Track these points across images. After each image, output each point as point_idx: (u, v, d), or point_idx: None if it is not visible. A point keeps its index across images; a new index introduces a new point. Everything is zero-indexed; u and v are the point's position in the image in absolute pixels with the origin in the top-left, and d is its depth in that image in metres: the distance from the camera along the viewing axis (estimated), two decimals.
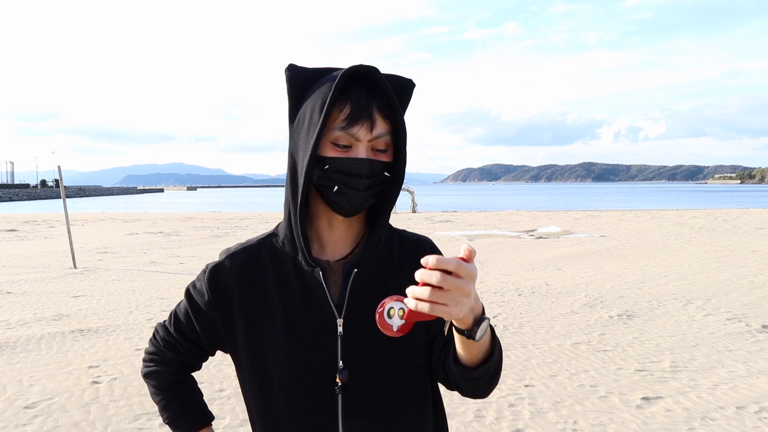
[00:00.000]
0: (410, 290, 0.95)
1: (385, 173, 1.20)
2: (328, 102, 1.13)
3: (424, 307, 0.94)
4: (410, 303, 0.95)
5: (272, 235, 1.31)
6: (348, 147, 1.16)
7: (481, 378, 1.15)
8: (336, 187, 1.16)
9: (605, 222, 25.35)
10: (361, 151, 1.15)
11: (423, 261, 0.92)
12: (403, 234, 1.37)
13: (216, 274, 1.28)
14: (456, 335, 1.08)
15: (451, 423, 4.41)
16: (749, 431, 4.25)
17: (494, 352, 1.14)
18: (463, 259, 0.94)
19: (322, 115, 1.13)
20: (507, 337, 6.72)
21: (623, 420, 4.46)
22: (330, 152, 1.16)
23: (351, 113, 1.14)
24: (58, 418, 4.53)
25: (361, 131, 1.14)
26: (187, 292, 1.35)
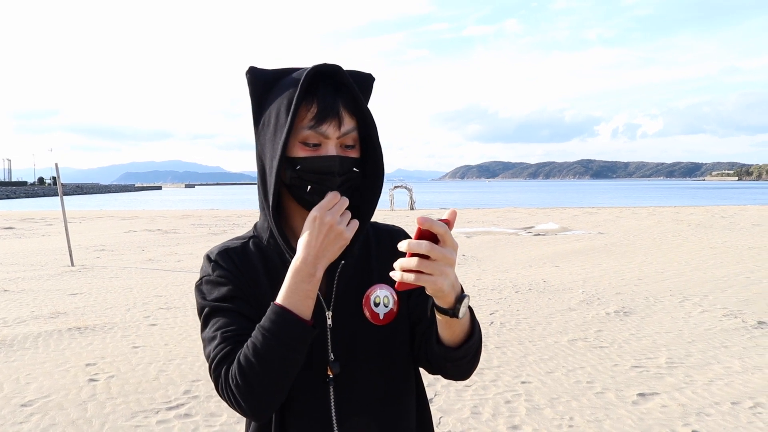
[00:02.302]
0: (398, 262, 1.00)
1: (354, 169, 1.21)
2: (294, 102, 1.13)
3: (410, 278, 0.99)
4: (396, 275, 1.00)
5: (253, 237, 1.32)
6: (317, 145, 1.17)
7: (464, 358, 1.18)
8: (309, 187, 1.17)
9: (603, 219, 25.38)
10: (331, 149, 1.17)
11: (417, 219, 0.98)
12: (376, 225, 1.40)
13: (218, 260, 1.26)
14: (438, 316, 1.11)
15: (448, 419, 4.43)
16: (744, 426, 4.27)
17: (474, 331, 1.18)
18: (446, 221, 1.00)
19: (290, 115, 1.13)
20: (504, 334, 6.74)
21: (619, 416, 4.48)
22: (300, 152, 1.16)
23: (318, 111, 1.15)
24: (55, 416, 4.54)
25: (329, 129, 1.16)
26: (206, 302, 1.23)
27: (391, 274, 1.01)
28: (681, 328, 6.94)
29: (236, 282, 1.23)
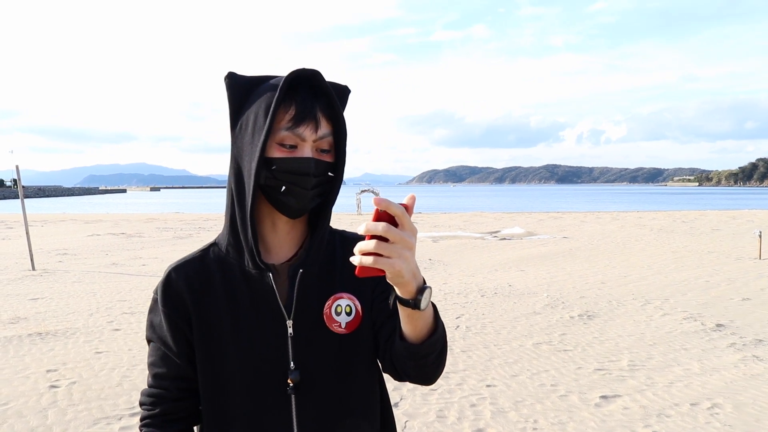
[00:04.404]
0: (357, 246, 0.99)
1: (329, 173, 1.23)
2: (274, 104, 1.15)
3: (368, 261, 0.97)
4: (355, 260, 0.99)
5: (213, 245, 1.31)
6: (294, 147, 1.18)
7: (428, 355, 1.16)
8: (284, 188, 1.18)
9: (568, 223, 25.72)
10: (307, 151, 1.18)
11: (373, 200, 0.98)
12: (344, 234, 1.40)
13: (167, 287, 1.27)
14: (401, 309, 1.10)
15: (413, 423, 4.45)
16: (702, 427, 4.37)
17: (438, 327, 1.16)
18: (405, 206, 0.99)
19: (269, 117, 1.15)
20: (470, 338, 6.79)
21: (582, 418, 4.55)
22: (276, 153, 1.17)
23: (296, 114, 1.16)
24: (14, 423, 4.44)
25: (306, 131, 1.17)
26: (149, 326, 1.31)
27: (351, 259, 1.01)
28: (643, 331, 7.08)
29: (176, 306, 1.26)
